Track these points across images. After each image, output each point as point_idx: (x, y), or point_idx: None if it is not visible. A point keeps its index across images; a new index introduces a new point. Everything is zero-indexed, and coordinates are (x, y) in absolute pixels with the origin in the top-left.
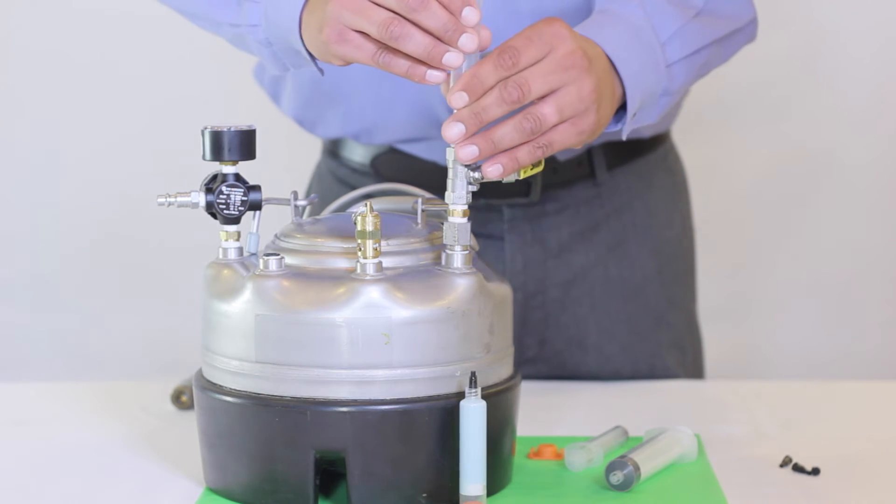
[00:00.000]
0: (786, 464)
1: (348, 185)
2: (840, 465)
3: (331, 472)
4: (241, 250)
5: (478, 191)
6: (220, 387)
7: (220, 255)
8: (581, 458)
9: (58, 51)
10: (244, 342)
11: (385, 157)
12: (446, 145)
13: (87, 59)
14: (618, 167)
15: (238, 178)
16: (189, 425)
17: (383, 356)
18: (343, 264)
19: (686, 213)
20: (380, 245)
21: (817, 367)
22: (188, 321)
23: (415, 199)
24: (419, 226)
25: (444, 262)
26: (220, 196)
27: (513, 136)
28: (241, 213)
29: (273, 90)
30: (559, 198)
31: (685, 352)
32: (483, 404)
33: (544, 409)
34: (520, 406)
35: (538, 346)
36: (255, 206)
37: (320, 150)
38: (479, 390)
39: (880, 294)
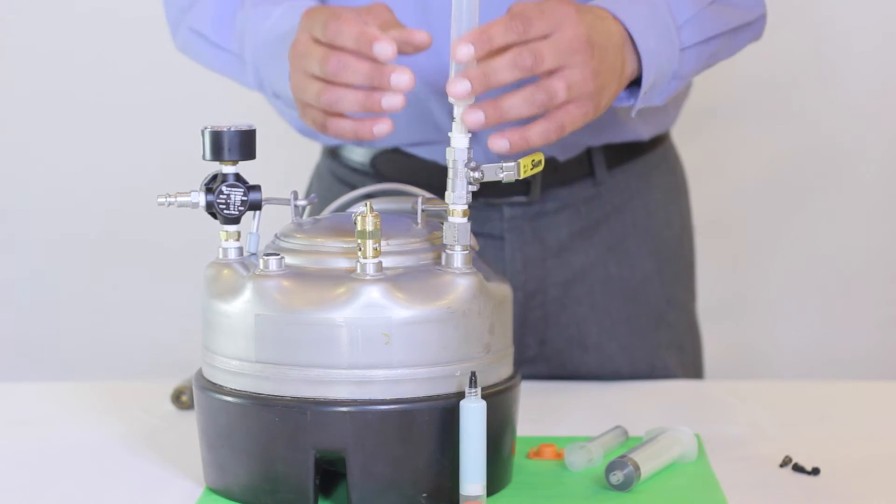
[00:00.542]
0: (786, 464)
1: (348, 184)
2: (840, 465)
3: (331, 472)
4: (241, 250)
5: (478, 190)
6: (220, 387)
7: (220, 255)
8: (581, 458)
9: (58, 50)
10: (244, 342)
11: (385, 156)
12: (446, 147)
13: (87, 58)
14: (617, 166)
15: (238, 178)
16: (189, 425)
17: (383, 356)
18: (343, 264)
19: (685, 213)
20: (380, 245)
21: (818, 367)
22: (188, 321)
23: (415, 199)
24: (419, 226)
25: (444, 262)
26: (220, 196)
27: (521, 108)
28: (241, 213)
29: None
30: (559, 197)
31: (685, 351)
32: (483, 404)
33: (544, 409)
34: (520, 406)
35: (538, 346)
36: (255, 206)
37: (320, 151)
38: (479, 390)
39: (880, 294)
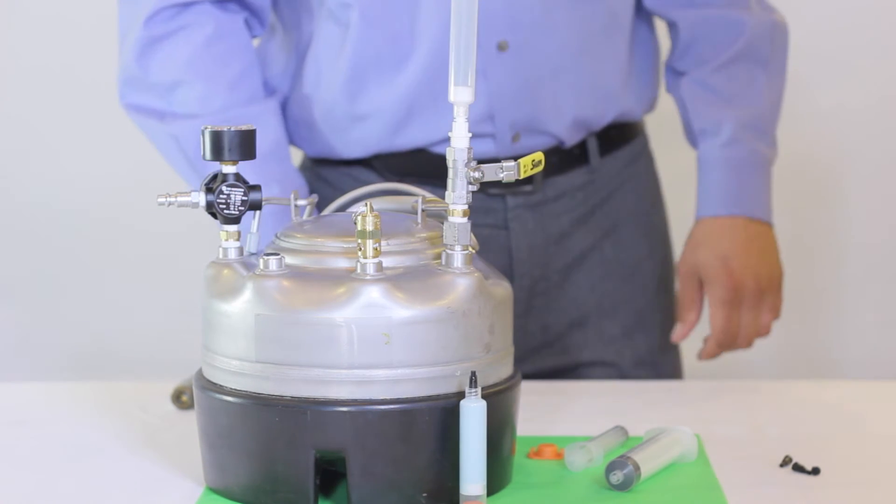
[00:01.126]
0: (786, 464)
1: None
2: (840, 465)
3: (331, 472)
4: (241, 250)
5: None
6: (221, 387)
7: (220, 255)
8: (581, 458)
9: (57, 50)
10: (244, 342)
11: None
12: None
13: (87, 58)
14: (608, 154)
15: (238, 177)
16: (189, 425)
17: (383, 356)
18: (343, 264)
19: (662, 198)
20: (380, 245)
21: (818, 367)
22: (188, 321)
23: (415, 198)
24: (419, 226)
25: (444, 261)
26: (220, 196)
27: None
28: (241, 213)
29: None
30: (557, 184)
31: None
32: (483, 404)
33: (544, 409)
34: (520, 406)
35: (541, 333)
36: (255, 206)
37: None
38: (479, 390)
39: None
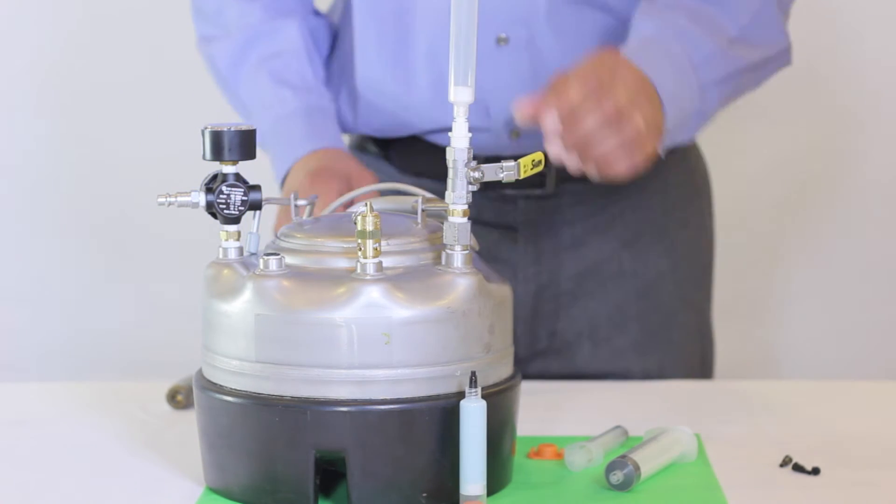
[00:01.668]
0: (786, 464)
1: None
2: (840, 465)
3: (331, 472)
4: (241, 250)
5: (494, 182)
6: (221, 386)
7: (220, 255)
8: (581, 458)
9: (57, 50)
10: (244, 342)
11: (403, 145)
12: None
13: (87, 58)
14: None
15: (238, 177)
16: (188, 425)
17: (383, 356)
18: (343, 264)
19: (705, 215)
20: (380, 245)
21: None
22: (188, 321)
23: (415, 198)
24: (419, 226)
25: (444, 261)
26: (221, 196)
27: (609, 140)
28: (241, 213)
29: None
30: (574, 191)
31: (694, 352)
32: (483, 404)
33: (544, 409)
34: (520, 406)
35: (548, 338)
36: (255, 206)
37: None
38: (479, 390)
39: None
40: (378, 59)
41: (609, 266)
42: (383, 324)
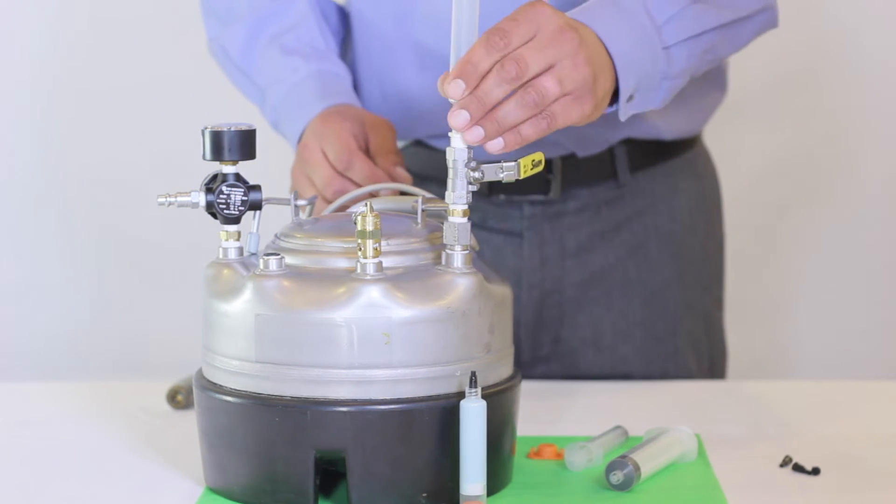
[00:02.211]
0: (786, 464)
1: None
2: (840, 465)
3: (331, 472)
4: (241, 250)
5: (498, 187)
6: (221, 386)
7: (220, 255)
8: (581, 458)
9: (57, 51)
10: (244, 342)
11: (408, 150)
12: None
13: (87, 58)
14: (641, 169)
15: (238, 177)
16: (188, 425)
17: (383, 356)
18: (343, 264)
19: (714, 220)
20: (380, 245)
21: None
22: (188, 321)
23: (415, 198)
24: (419, 226)
25: (444, 262)
26: (220, 196)
27: (517, 113)
28: (241, 213)
29: None
30: (580, 197)
31: (701, 358)
32: (483, 404)
33: (544, 409)
34: (520, 406)
35: (552, 344)
36: (255, 206)
37: None
38: (479, 390)
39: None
40: (378, 64)
41: (614, 273)
42: (383, 324)
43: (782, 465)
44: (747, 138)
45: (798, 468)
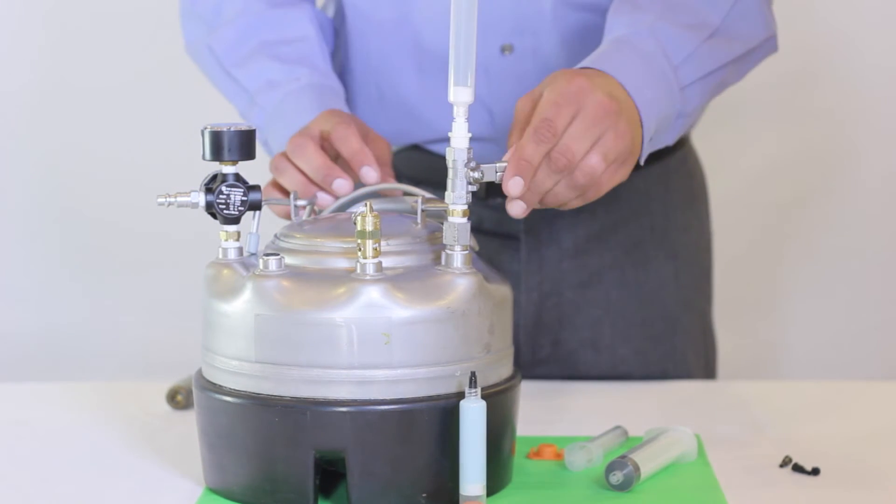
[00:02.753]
0: (786, 464)
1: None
2: (840, 465)
3: (331, 472)
4: (241, 250)
5: (495, 190)
6: (220, 387)
7: (220, 255)
8: (581, 458)
9: (57, 50)
10: (244, 342)
11: (405, 154)
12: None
13: (87, 58)
14: (636, 170)
15: (238, 178)
16: (188, 425)
17: (383, 356)
18: (343, 264)
19: (704, 218)
20: (380, 245)
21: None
22: (188, 321)
23: (415, 199)
24: (419, 226)
25: (444, 262)
26: (220, 196)
27: (567, 194)
28: (241, 213)
29: None
30: None
31: (698, 355)
32: (483, 404)
33: (544, 409)
34: (520, 406)
35: (552, 346)
36: (255, 206)
37: None
38: (479, 390)
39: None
40: (377, 65)
41: (611, 273)
42: (383, 324)
43: (782, 465)
44: (744, 139)
45: (798, 468)
